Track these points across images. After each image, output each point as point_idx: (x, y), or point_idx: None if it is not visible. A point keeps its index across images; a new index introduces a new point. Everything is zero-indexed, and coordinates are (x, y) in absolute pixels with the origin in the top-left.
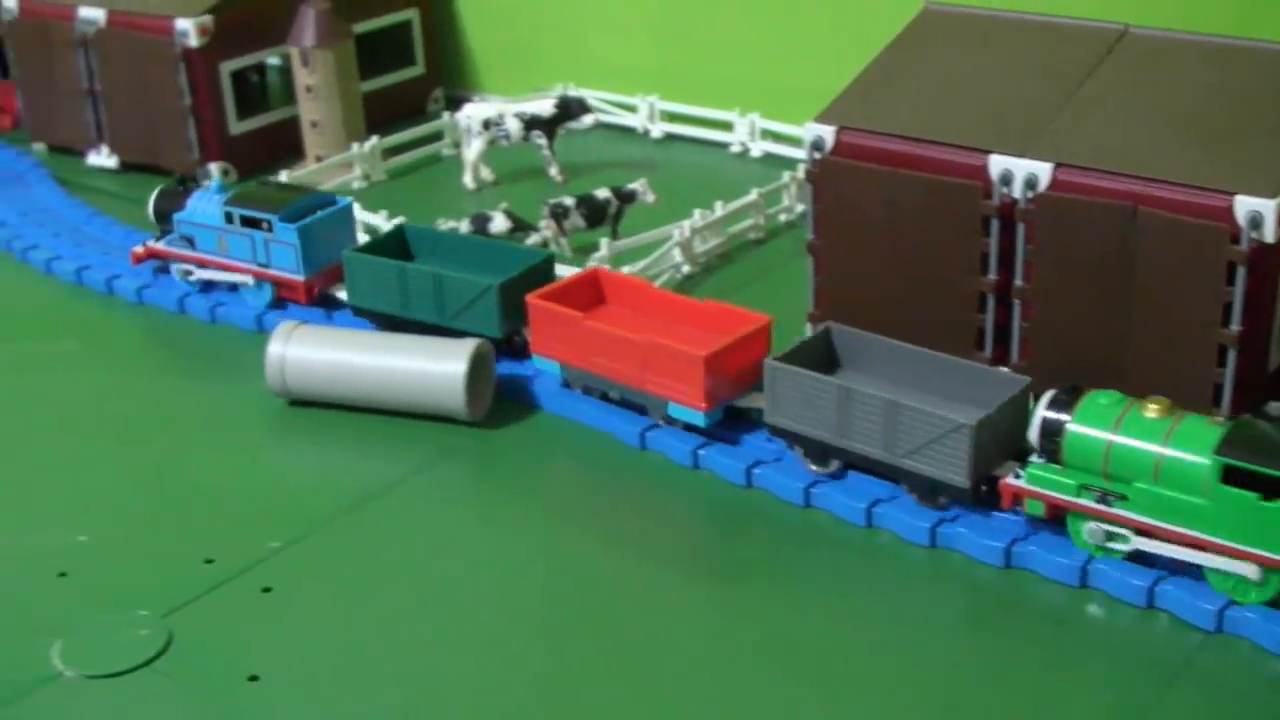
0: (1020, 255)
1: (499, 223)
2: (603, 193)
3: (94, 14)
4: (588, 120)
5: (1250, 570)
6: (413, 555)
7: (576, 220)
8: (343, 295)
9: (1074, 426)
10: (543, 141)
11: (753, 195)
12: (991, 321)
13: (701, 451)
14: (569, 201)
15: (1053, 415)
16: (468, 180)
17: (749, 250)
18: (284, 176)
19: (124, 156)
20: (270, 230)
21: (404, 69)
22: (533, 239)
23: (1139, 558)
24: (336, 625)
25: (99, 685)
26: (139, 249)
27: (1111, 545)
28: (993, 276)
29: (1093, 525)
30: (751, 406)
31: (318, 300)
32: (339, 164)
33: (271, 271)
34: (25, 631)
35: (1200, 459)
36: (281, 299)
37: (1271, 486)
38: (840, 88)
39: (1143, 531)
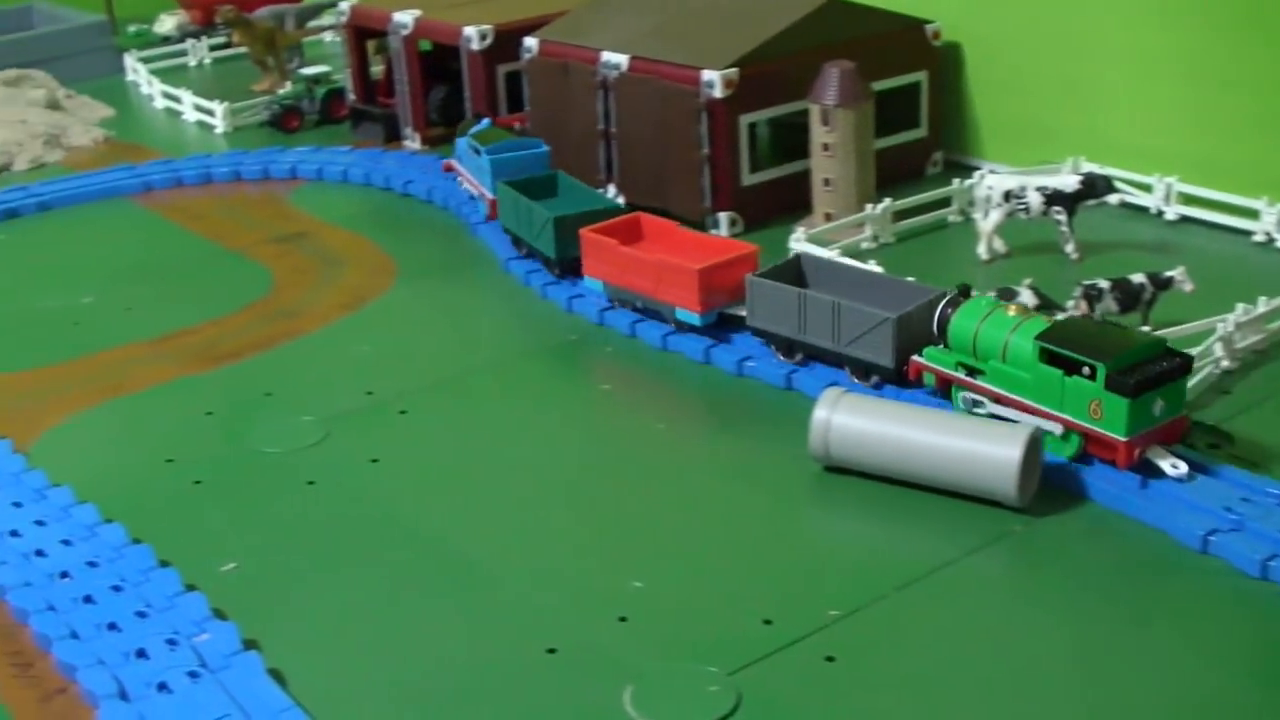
0: None
1: (1025, 298)
2: (1138, 278)
3: (617, 59)
4: (1113, 199)
5: (1057, 428)
6: (974, 641)
7: (1109, 304)
8: None
9: (955, 319)
10: (1062, 217)
11: None
12: None
13: (1272, 563)
14: (1104, 284)
15: (945, 311)
16: (981, 250)
17: None
18: (799, 231)
19: (631, 198)
20: (480, 157)
21: (907, 130)
22: (1058, 319)
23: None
24: (904, 705)
25: None
26: (447, 162)
27: (976, 411)
28: None
29: (964, 394)
30: (738, 314)
31: (498, 217)
32: (851, 224)
33: (481, 189)
34: (597, 673)
35: (1027, 343)
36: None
37: (1071, 366)
38: None
39: (997, 400)
